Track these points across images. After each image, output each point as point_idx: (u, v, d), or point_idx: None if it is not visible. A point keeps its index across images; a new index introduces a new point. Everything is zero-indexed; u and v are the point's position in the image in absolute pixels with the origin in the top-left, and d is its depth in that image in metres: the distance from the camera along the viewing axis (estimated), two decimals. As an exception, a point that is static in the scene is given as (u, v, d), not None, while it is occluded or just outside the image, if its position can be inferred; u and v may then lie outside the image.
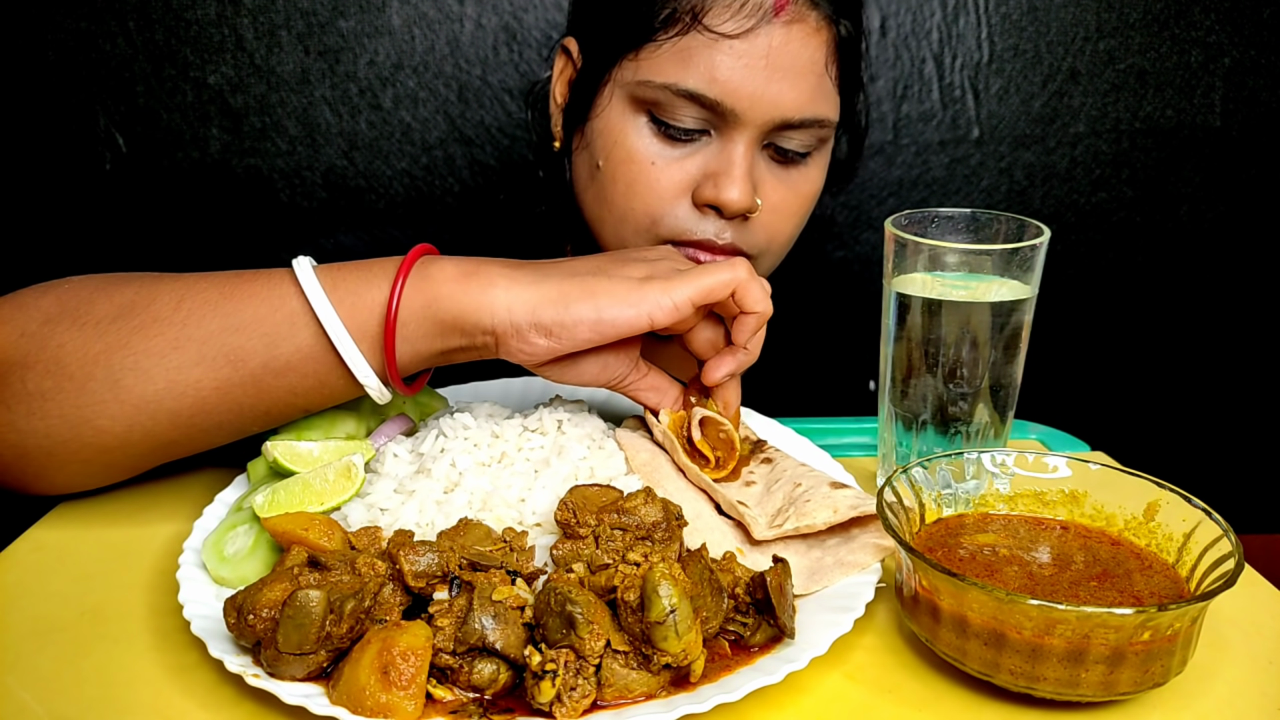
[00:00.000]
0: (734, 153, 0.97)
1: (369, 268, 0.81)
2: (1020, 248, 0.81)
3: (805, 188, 1.05)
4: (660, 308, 0.78)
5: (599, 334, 0.78)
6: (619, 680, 0.61)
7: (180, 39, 1.51)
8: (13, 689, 0.65)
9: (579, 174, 1.08)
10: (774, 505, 0.80)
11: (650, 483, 0.83)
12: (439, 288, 0.79)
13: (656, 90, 0.97)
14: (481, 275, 0.79)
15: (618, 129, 1.01)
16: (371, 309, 0.79)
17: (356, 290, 0.79)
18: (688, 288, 0.78)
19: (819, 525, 0.76)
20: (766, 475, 0.85)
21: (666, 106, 0.97)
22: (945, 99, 1.65)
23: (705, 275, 0.79)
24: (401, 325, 0.79)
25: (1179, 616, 0.60)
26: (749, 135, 0.97)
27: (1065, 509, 0.77)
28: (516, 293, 0.78)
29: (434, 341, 0.80)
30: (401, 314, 0.78)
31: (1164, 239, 1.74)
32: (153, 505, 0.88)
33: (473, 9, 1.54)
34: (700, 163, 0.99)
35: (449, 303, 0.78)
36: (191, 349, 0.79)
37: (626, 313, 0.77)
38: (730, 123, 0.97)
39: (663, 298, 0.78)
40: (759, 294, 0.81)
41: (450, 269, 0.80)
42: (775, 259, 1.09)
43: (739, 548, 0.77)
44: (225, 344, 0.79)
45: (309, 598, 0.60)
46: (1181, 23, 1.63)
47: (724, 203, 0.97)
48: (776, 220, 1.04)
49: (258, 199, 1.58)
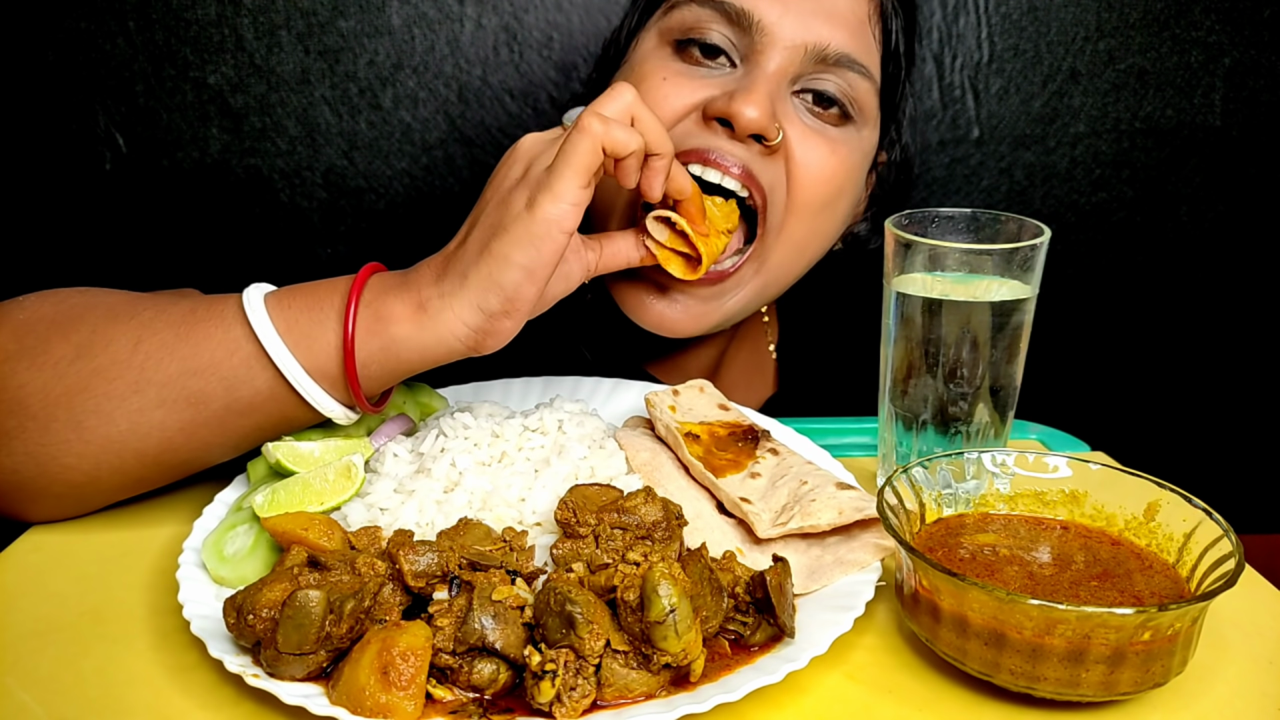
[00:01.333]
0: (758, 72, 0.90)
1: (320, 304, 0.79)
2: (1020, 248, 0.81)
3: (842, 148, 0.96)
4: (562, 217, 0.74)
5: (538, 283, 0.75)
6: (619, 680, 0.61)
7: (180, 39, 1.51)
8: (13, 689, 0.65)
9: None
10: (778, 502, 0.80)
11: (651, 482, 0.83)
12: (394, 330, 0.77)
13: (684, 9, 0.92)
14: (428, 306, 0.77)
15: (638, 58, 0.97)
16: (328, 352, 0.78)
17: (310, 333, 0.78)
18: (567, 182, 0.73)
19: (823, 526, 0.76)
20: (772, 469, 0.85)
21: (692, 23, 0.92)
22: (945, 99, 1.65)
23: (571, 157, 0.74)
24: (362, 367, 0.78)
25: (1179, 616, 0.60)
26: (779, 61, 0.90)
27: (1065, 509, 0.77)
28: (459, 305, 0.76)
29: (397, 373, 0.80)
30: (360, 356, 0.78)
31: (1164, 239, 1.74)
32: (153, 505, 0.88)
33: (473, 9, 1.54)
34: (718, 86, 0.92)
35: (409, 345, 0.77)
36: (151, 392, 0.78)
37: (545, 247, 0.74)
38: (758, 45, 0.91)
39: (554, 206, 0.74)
40: (623, 135, 0.74)
41: (399, 307, 0.77)
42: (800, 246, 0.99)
43: (739, 547, 0.77)
44: (185, 387, 0.78)
45: (309, 598, 0.60)
46: (1181, 23, 1.63)
47: (734, 112, 0.88)
48: (805, 173, 0.94)
49: (258, 199, 1.58)
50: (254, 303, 0.78)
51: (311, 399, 0.79)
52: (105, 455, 0.79)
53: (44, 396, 0.78)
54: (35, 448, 0.79)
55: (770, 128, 0.89)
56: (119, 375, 0.78)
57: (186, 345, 0.78)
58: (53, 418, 0.78)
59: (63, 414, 0.78)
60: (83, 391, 0.78)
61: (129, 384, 0.78)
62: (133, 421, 0.78)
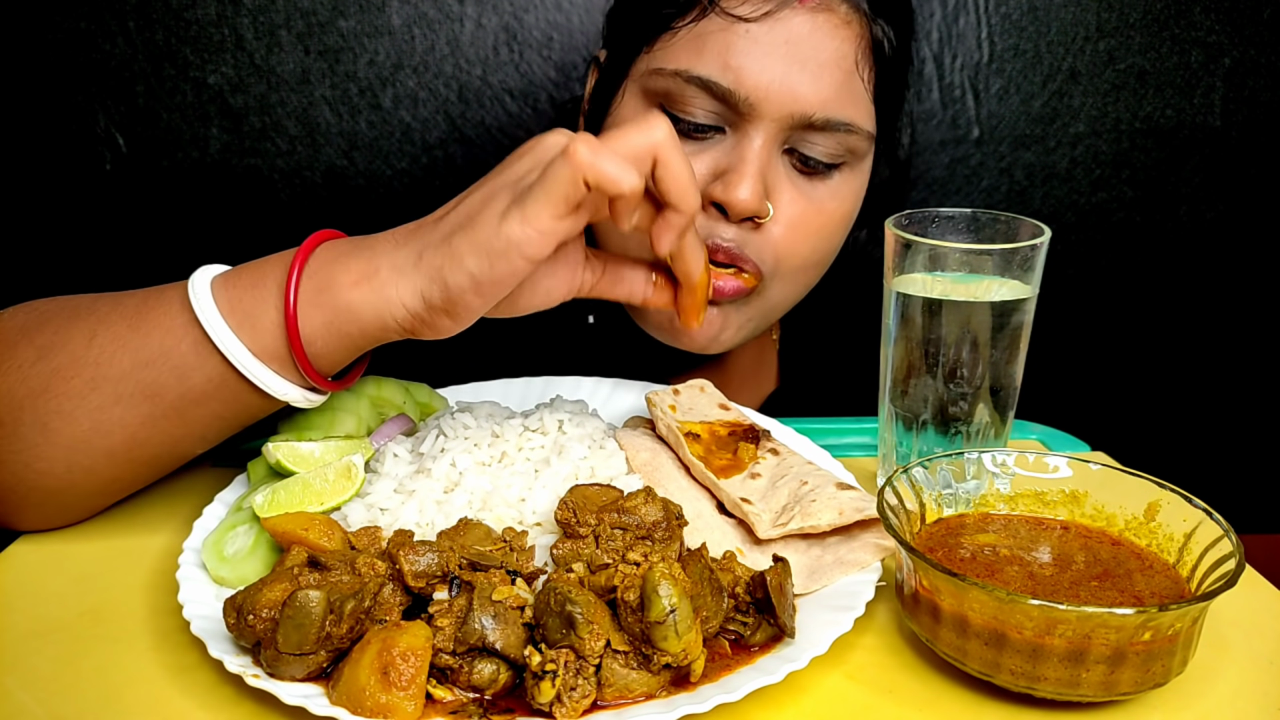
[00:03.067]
0: (747, 149, 0.90)
1: (263, 279, 0.76)
2: (1020, 248, 0.81)
3: (830, 204, 0.96)
4: (527, 243, 0.67)
5: (487, 294, 0.71)
6: (619, 680, 0.61)
7: (180, 39, 1.51)
8: (12, 689, 0.65)
9: None
10: (778, 502, 0.80)
11: (651, 482, 0.83)
12: (339, 298, 0.73)
13: (668, 79, 0.91)
14: (375, 271, 0.73)
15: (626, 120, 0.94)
16: (273, 331, 0.75)
17: (253, 312, 0.75)
18: (539, 207, 0.67)
19: (824, 526, 0.76)
20: (772, 469, 0.84)
21: (678, 97, 0.91)
22: (945, 99, 1.65)
23: (548, 183, 0.67)
24: (308, 344, 0.75)
25: (1180, 617, 0.60)
26: (766, 133, 0.90)
27: (1066, 509, 0.76)
28: (403, 285, 0.72)
29: (346, 348, 0.76)
30: (305, 334, 0.74)
31: (1164, 239, 1.74)
32: (153, 505, 0.88)
33: (473, 9, 1.54)
34: (711, 161, 0.92)
35: (349, 316, 0.74)
36: (108, 388, 0.76)
37: (499, 267, 0.68)
38: (745, 117, 0.90)
39: (523, 229, 0.67)
40: (612, 170, 0.65)
41: (346, 275, 0.74)
42: (791, 285, 1.00)
43: (739, 547, 0.77)
44: (139, 380, 0.76)
45: (309, 598, 0.60)
46: (1181, 23, 1.63)
47: (729, 200, 0.89)
48: (791, 236, 0.95)
49: (258, 199, 1.58)
50: (198, 286, 0.76)
51: (261, 383, 0.76)
52: (75, 456, 0.78)
53: (10, 401, 0.77)
54: (7, 454, 0.78)
55: (762, 208, 0.90)
56: (76, 373, 0.76)
57: (137, 336, 0.76)
58: (19, 421, 0.77)
59: (28, 417, 0.77)
60: (44, 393, 0.76)
61: (86, 381, 0.76)
62: (94, 420, 0.77)
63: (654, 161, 0.69)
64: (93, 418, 0.77)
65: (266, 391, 0.77)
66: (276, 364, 0.76)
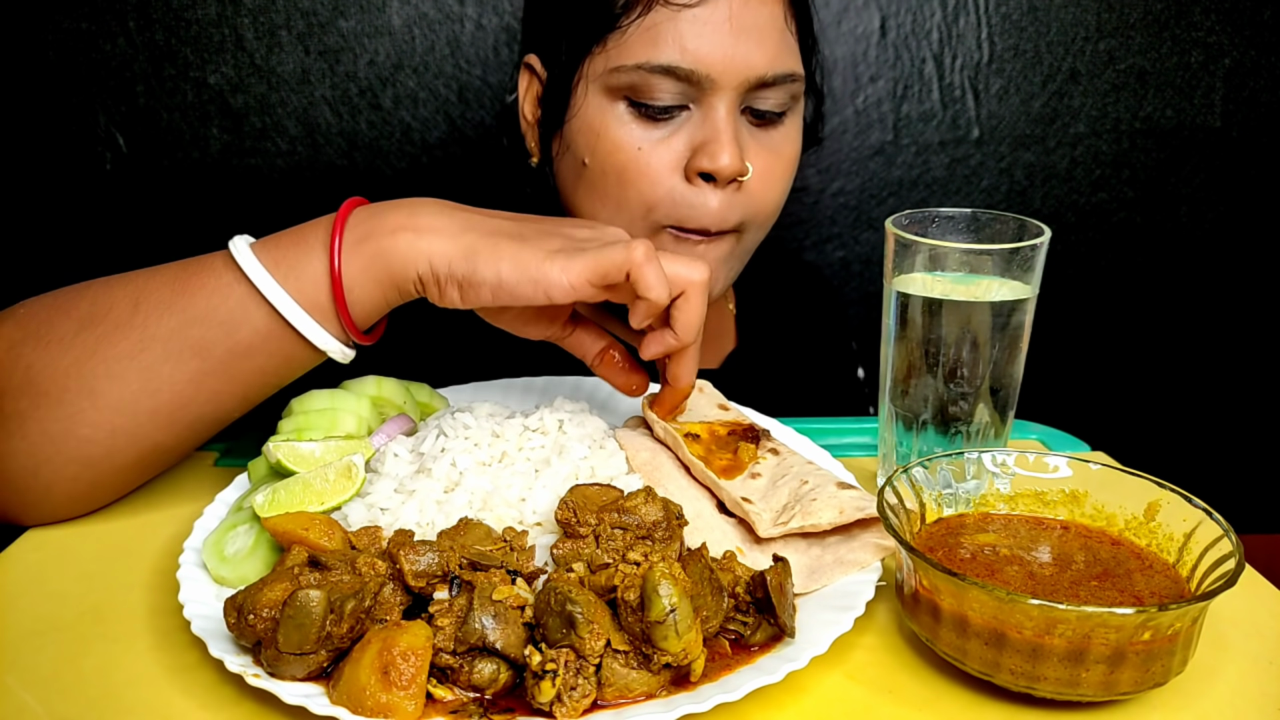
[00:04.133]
0: (717, 119, 0.98)
1: (304, 236, 0.83)
2: (1020, 248, 0.81)
3: (786, 149, 1.06)
4: (557, 286, 0.78)
5: (498, 299, 0.79)
6: (619, 680, 0.61)
7: (180, 39, 1.51)
8: (13, 689, 0.65)
9: (564, 179, 1.08)
10: (779, 502, 0.80)
11: (651, 482, 0.83)
12: (377, 243, 0.81)
13: (631, 73, 0.97)
14: (415, 225, 0.81)
15: (598, 122, 1.01)
16: (317, 281, 0.81)
17: (297, 264, 0.81)
18: (583, 268, 0.77)
19: (824, 525, 0.76)
20: (772, 469, 0.85)
21: (643, 87, 0.98)
22: (945, 99, 1.65)
23: (602, 255, 0.78)
24: (348, 290, 0.81)
25: (1179, 616, 0.60)
26: (727, 99, 0.98)
27: (1066, 509, 0.77)
28: (439, 244, 0.80)
29: (379, 297, 0.82)
30: (346, 280, 0.80)
31: (1164, 239, 1.74)
32: (153, 505, 0.88)
33: (473, 9, 1.55)
34: (685, 138, 1.00)
35: (383, 260, 0.80)
36: (157, 347, 0.80)
37: (524, 287, 0.78)
38: (707, 90, 0.98)
39: (561, 276, 0.77)
40: (652, 279, 0.77)
41: (391, 220, 0.81)
42: (762, 230, 1.10)
43: (739, 547, 0.77)
44: (188, 337, 0.80)
45: (309, 598, 0.60)
46: (1181, 23, 1.63)
47: (717, 169, 0.97)
48: (763, 186, 1.04)
49: (258, 199, 1.58)
50: (239, 246, 0.82)
51: (304, 330, 0.81)
52: (120, 419, 0.81)
53: (53, 370, 0.80)
54: (50, 423, 0.80)
55: (743, 168, 0.99)
56: (123, 337, 0.80)
57: (183, 298, 0.81)
58: (65, 389, 0.80)
59: (74, 383, 0.80)
60: (91, 357, 0.80)
61: (134, 343, 0.80)
62: (143, 379, 0.80)
63: (681, 293, 0.80)
64: (142, 377, 0.80)
65: (310, 340, 0.82)
66: (318, 314, 0.81)
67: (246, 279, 0.80)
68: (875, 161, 1.68)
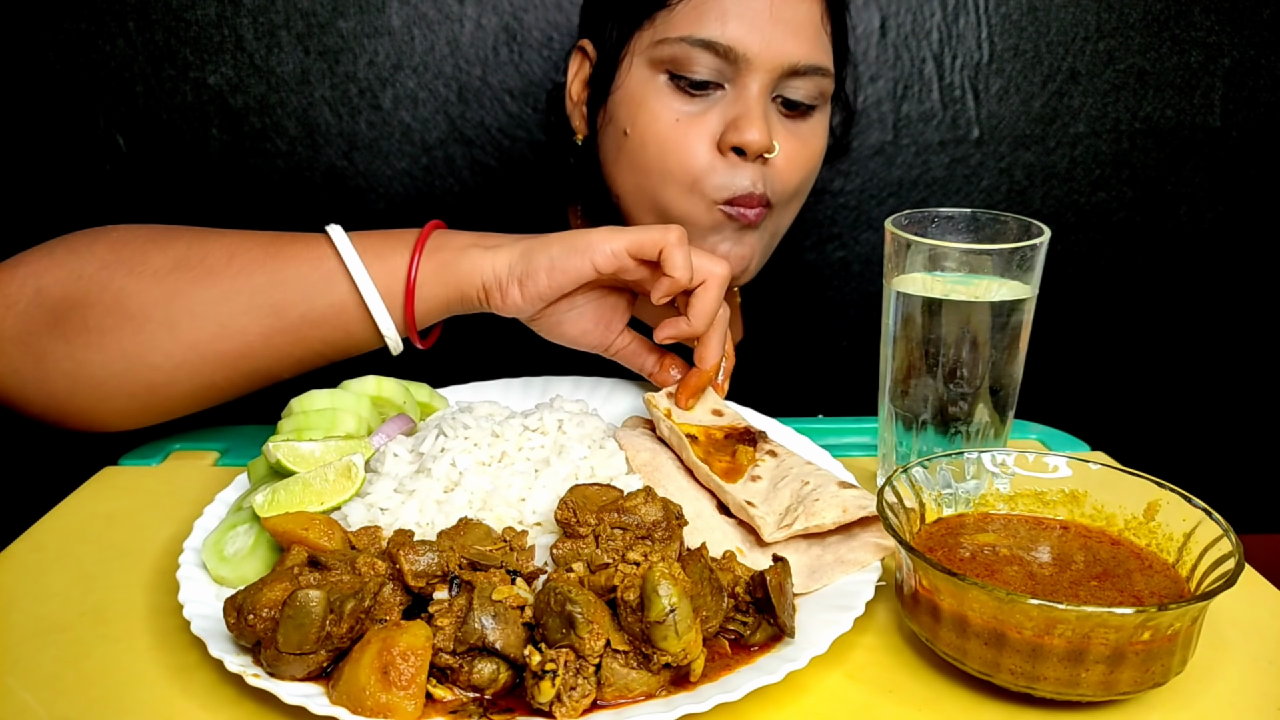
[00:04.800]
0: (749, 98, 1.04)
1: (391, 237, 0.93)
2: (1020, 248, 0.81)
3: (813, 140, 1.12)
4: (600, 252, 0.87)
5: (554, 279, 0.88)
6: (619, 680, 0.61)
7: (180, 39, 1.51)
8: (13, 689, 0.65)
9: (606, 151, 1.14)
10: (781, 504, 0.80)
11: (651, 482, 0.83)
12: (449, 254, 0.91)
13: (674, 45, 1.04)
14: (484, 244, 0.92)
15: (639, 92, 1.07)
16: (395, 273, 0.91)
17: (382, 255, 0.91)
18: (623, 240, 0.87)
19: (828, 525, 0.76)
20: (772, 471, 0.85)
21: (683, 60, 1.04)
22: (945, 99, 1.65)
23: (640, 233, 0.88)
24: (419, 285, 0.90)
25: (1179, 616, 0.60)
26: (760, 81, 1.04)
27: (1065, 509, 0.77)
28: (502, 255, 0.90)
29: (442, 300, 0.92)
30: (420, 276, 0.90)
31: (1164, 239, 1.74)
32: (153, 505, 0.88)
33: (473, 9, 1.54)
34: (719, 114, 1.06)
35: (454, 269, 0.90)
36: (241, 299, 0.89)
37: (573, 259, 0.87)
38: (742, 70, 1.04)
39: (604, 244, 0.87)
40: (679, 260, 0.86)
41: (463, 239, 0.93)
42: (789, 212, 1.15)
43: (739, 547, 0.77)
44: (271, 296, 0.89)
45: (309, 598, 0.60)
46: (1181, 23, 1.63)
47: (746, 143, 1.03)
48: (791, 169, 1.10)
49: (258, 199, 1.58)
50: (336, 230, 0.92)
51: (376, 314, 0.90)
52: (190, 356, 0.88)
53: (143, 299, 0.87)
54: (129, 345, 0.87)
55: (770, 145, 1.05)
56: (214, 283, 0.88)
57: (276, 260, 0.90)
58: (149, 318, 0.87)
59: (159, 314, 0.87)
60: (179, 295, 0.88)
61: (222, 291, 0.88)
62: (221, 325, 0.88)
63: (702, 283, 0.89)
64: (220, 322, 0.88)
65: (376, 320, 0.91)
66: (389, 301, 0.91)
67: (337, 255, 0.90)
68: (875, 161, 1.68)
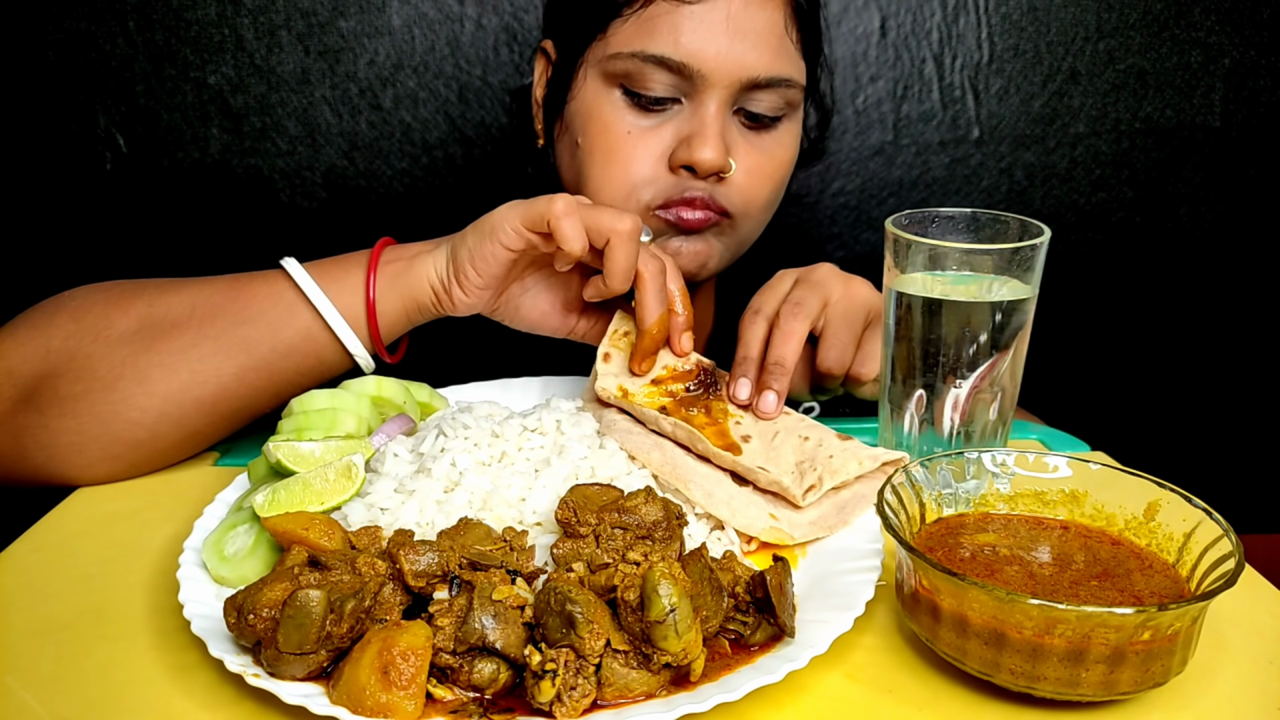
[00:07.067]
0: (705, 114, 1.01)
1: (344, 260, 0.95)
2: (1020, 248, 0.81)
3: (778, 152, 1.08)
4: (504, 233, 0.88)
5: (479, 268, 0.90)
6: (619, 680, 0.61)
7: (180, 39, 1.51)
8: (13, 689, 0.65)
9: (562, 161, 1.12)
10: (787, 462, 0.83)
11: (674, 480, 0.82)
12: (400, 265, 0.93)
13: (626, 60, 1.01)
14: (424, 255, 0.94)
15: (593, 105, 1.05)
16: (354, 292, 0.92)
17: (338, 279, 0.93)
18: (516, 215, 0.88)
19: (852, 479, 0.82)
20: (754, 426, 0.88)
21: (637, 76, 1.01)
22: (945, 99, 1.65)
23: (529, 205, 0.88)
24: (378, 302, 0.92)
25: (1179, 616, 0.60)
26: (718, 97, 1.01)
27: (1065, 509, 0.77)
28: (436, 261, 0.93)
29: (402, 311, 0.94)
30: (377, 293, 0.92)
31: (1164, 239, 1.74)
32: (153, 505, 0.88)
33: (473, 9, 1.55)
34: (674, 129, 1.03)
35: (406, 279, 0.93)
36: (208, 344, 0.90)
37: (485, 244, 0.89)
38: (699, 86, 1.00)
39: (503, 224, 0.88)
40: (566, 230, 0.85)
41: (412, 249, 0.95)
42: (755, 225, 1.12)
43: (772, 512, 0.80)
44: (237, 335, 0.90)
45: (309, 598, 0.60)
46: (1181, 23, 1.63)
47: (697, 161, 1.00)
48: (753, 183, 1.06)
49: (258, 199, 1.58)
50: (291, 262, 0.94)
51: (342, 335, 0.92)
52: (167, 406, 0.89)
53: (110, 360, 0.89)
54: (101, 406, 0.88)
55: (725, 164, 1.02)
56: (180, 334, 0.90)
57: (236, 302, 0.92)
58: (119, 376, 0.88)
59: (129, 372, 0.88)
60: (147, 351, 0.89)
61: (188, 339, 0.90)
62: (192, 371, 0.89)
63: (607, 243, 0.86)
64: (192, 369, 0.89)
65: (344, 344, 0.93)
66: (352, 323, 0.93)
67: (296, 287, 0.92)
68: (875, 161, 1.68)
